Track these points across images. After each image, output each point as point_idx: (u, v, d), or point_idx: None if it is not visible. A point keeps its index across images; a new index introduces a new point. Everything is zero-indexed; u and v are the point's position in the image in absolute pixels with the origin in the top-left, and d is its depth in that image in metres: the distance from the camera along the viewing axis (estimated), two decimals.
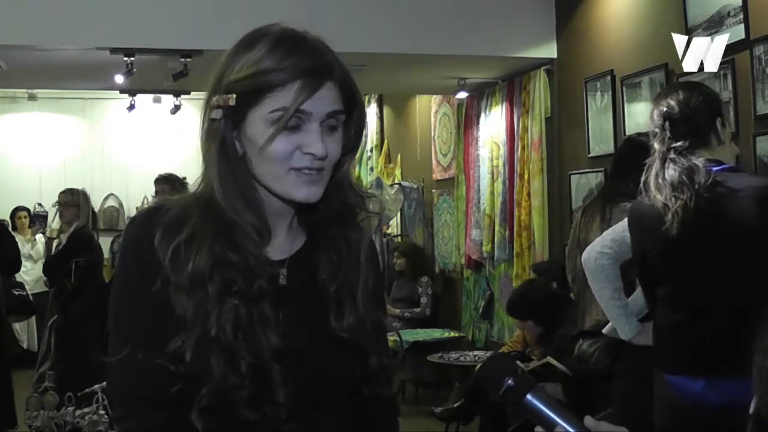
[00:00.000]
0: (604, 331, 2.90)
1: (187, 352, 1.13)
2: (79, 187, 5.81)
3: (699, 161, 2.34)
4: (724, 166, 2.39)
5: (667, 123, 2.39)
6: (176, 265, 1.15)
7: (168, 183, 5.19)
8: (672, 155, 2.36)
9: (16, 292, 5.89)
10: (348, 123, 1.22)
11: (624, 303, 2.67)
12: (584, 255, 2.72)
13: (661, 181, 2.36)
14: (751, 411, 1.33)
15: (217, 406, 1.13)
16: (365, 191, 1.28)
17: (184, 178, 4.95)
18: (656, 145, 2.41)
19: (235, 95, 1.15)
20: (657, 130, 2.42)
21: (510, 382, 1.05)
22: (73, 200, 5.55)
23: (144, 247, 1.17)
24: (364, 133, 1.27)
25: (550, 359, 4.42)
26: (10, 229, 6.87)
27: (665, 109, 2.41)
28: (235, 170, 1.18)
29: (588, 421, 1.02)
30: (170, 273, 1.15)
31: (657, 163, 2.39)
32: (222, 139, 1.17)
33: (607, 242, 2.67)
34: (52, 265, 5.65)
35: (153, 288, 1.15)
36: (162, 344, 1.14)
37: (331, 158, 1.18)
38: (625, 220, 2.62)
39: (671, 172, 2.34)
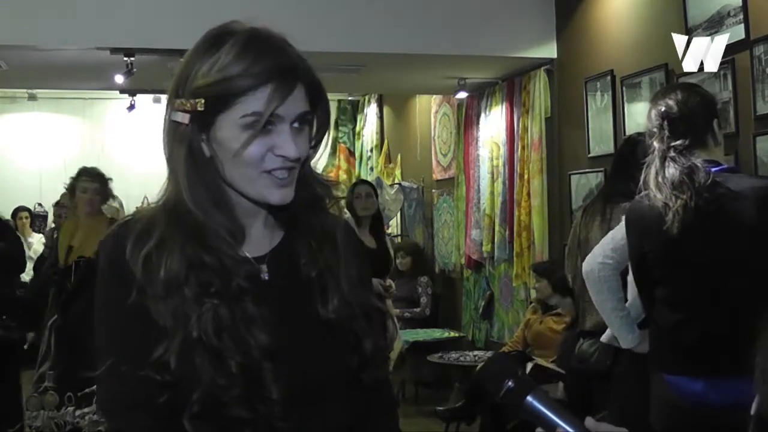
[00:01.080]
0: (602, 339, 2.90)
1: (172, 359, 1.12)
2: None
3: (698, 161, 2.34)
4: (723, 166, 2.39)
5: (665, 122, 2.39)
6: (149, 274, 1.14)
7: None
8: (672, 153, 2.36)
9: (20, 293, 5.88)
10: (312, 119, 1.22)
11: (626, 312, 2.67)
12: (585, 266, 2.70)
13: (661, 179, 2.36)
14: (752, 411, 1.32)
15: (209, 409, 1.12)
16: (328, 180, 1.29)
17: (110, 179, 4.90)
18: (655, 144, 2.41)
19: (203, 100, 1.14)
20: (655, 129, 2.42)
21: (510, 384, 1.04)
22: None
23: (117, 259, 1.17)
24: (329, 125, 1.27)
25: (539, 360, 4.42)
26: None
27: (663, 108, 2.41)
28: (203, 173, 1.17)
29: (589, 422, 1.02)
30: (144, 282, 1.14)
31: (657, 162, 2.39)
32: (189, 143, 1.16)
33: (608, 252, 2.65)
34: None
35: (129, 299, 1.15)
36: (145, 355, 1.13)
37: (302, 157, 1.18)
38: (623, 224, 2.61)
39: (671, 171, 2.34)
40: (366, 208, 4.91)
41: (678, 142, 2.36)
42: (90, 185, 4.57)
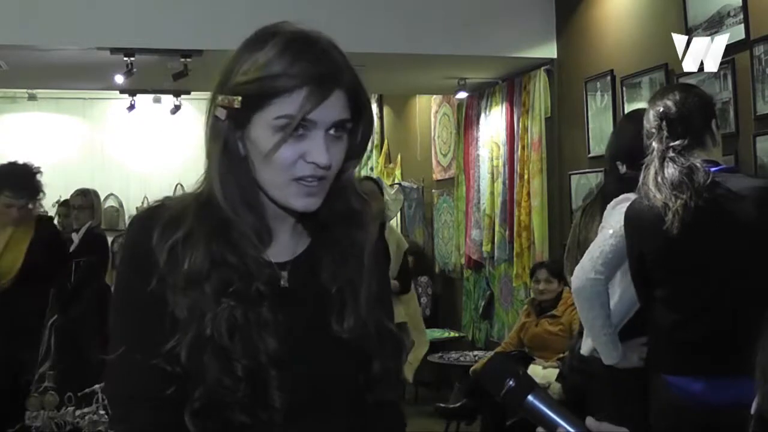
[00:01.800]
0: (582, 351, 2.79)
1: (183, 352, 1.12)
2: (80, 187, 5.81)
3: (697, 161, 2.34)
4: (722, 167, 2.40)
5: (664, 123, 2.40)
6: (173, 264, 1.14)
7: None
8: (671, 154, 2.36)
9: None
10: (354, 129, 1.19)
11: (613, 329, 2.59)
12: (575, 281, 2.61)
13: (660, 180, 2.36)
14: (752, 411, 1.32)
15: (210, 408, 1.12)
16: (369, 195, 1.27)
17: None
18: (654, 144, 2.41)
19: (240, 98, 1.13)
20: (654, 130, 2.42)
21: (511, 383, 1.04)
22: (86, 201, 5.56)
23: (142, 245, 1.16)
24: (371, 138, 1.25)
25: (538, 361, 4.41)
26: None
27: (662, 109, 2.42)
28: (236, 171, 1.16)
29: (589, 421, 1.02)
30: (166, 272, 1.14)
31: (656, 162, 2.39)
32: (225, 139, 1.16)
33: (598, 266, 2.57)
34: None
35: (149, 287, 1.14)
36: (159, 344, 1.12)
37: (335, 167, 1.16)
38: (610, 233, 2.57)
39: (671, 171, 2.34)
40: None
41: (677, 143, 2.37)
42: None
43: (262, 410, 1.13)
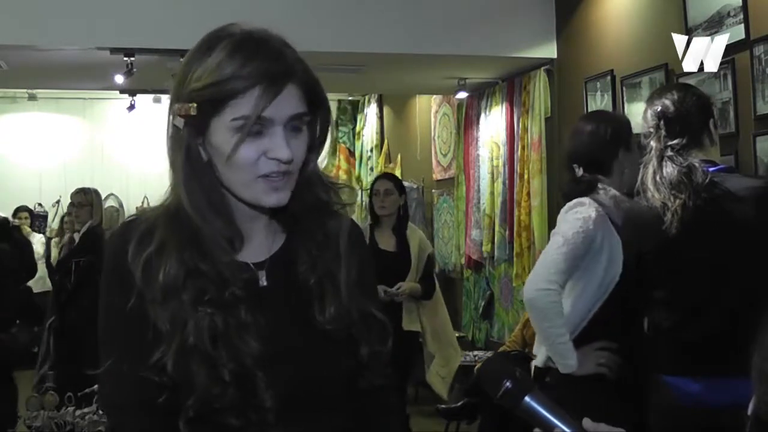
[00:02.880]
0: (536, 363, 2.68)
1: (169, 363, 1.13)
2: (80, 187, 5.80)
3: (695, 161, 2.35)
4: (720, 166, 2.40)
5: (662, 122, 2.40)
6: (148, 278, 1.15)
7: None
8: (669, 153, 2.36)
9: None
10: (312, 122, 1.20)
11: (568, 337, 2.48)
12: (526, 293, 2.50)
13: (659, 179, 2.36)
14: (749, 412, 1.32)
15: (203, 414, 1.13)
16: (336, 183, 1.27)
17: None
18: (652, 143, 2.41)
19: (195, 104, 1.14)
20: (652, 129, 2.42)
21: (508, 384, 1.04)
22: (86, 200, 5.56)
23: (119, 263, 1.17)
24: (329, 129, 1.25)
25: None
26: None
27: (660, 108, 2.42)
28: (201, 178, 1.17)
29: (587, 423, 1.02)
30: (143, 287, 1.15)
31: (654, 162, 2.39)
32: (186, 147, 1.17)
33: (550, 276, 2.46)
34: (66, 265, 5.62)
35: (129, 304, 1.15)
36: (145, 356, 1.14)
37: (297, 160, 1.17)
38: (558, 240, 2.50)
39: (669, 170, 2.34)
40: (383, 207, 4.53)
41: (675, 141, 2.36)
42: None
43: (254, 412, 1.14)
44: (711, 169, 2.35)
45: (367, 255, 1.34)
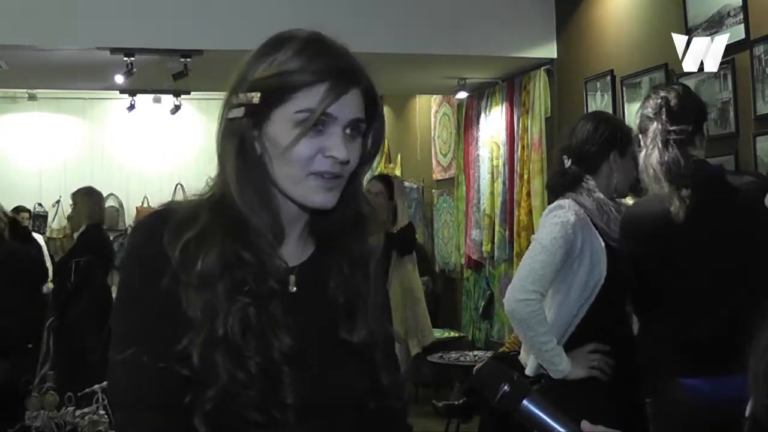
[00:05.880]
0: (527, 372, 2.63)
1: (195, 353, 1.10)
2: (79, 186, 5.80)
3: (695, 157, 2.37)
4: (718, 166, 2.42)
5: (664, 109, 2.39)
6: (185, 262, 1.12)
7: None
8: (674, 137, 2.35)
9: None
10: (366, 133, 1.22)
11: (554, 343, 2.46)
12: (506, 304, 2.48)
13: (665, 167, 2.35)
14: (747, 414, 1.32)
15: (221, 409, 1.10)
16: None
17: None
18: (655, 124, 2.39)
19: (259, 93, 1.14)
20: (653, 114, 2.41)
21: (506, 388, 1.04)
22: (74, 201, 5.55)
23: (151, 246, 1.14)
24: (382, 145, 1.27)
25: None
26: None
27: (661, 100, 2.42)
28: (252, 170, 1.16)
29: (585, 425, 1.02)
30: (179, 270, 1.12)
31: (659, 145, 2.37)
32: (241, 137, 1.16)
33: (528, 286, 2.43)
34: (65, 265, 5.62)
35: (160, 286, 1.12)
36: (169, 345, 1.10)
37: (351, 165, 1.17)
38: (536, 247, 2.48)
39: (672, 157, 2.34)
40: None
41: (678, 127, 2.36)
42: None
43: (276, 408, 1.12)
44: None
45: (386, 281, 1.36)
